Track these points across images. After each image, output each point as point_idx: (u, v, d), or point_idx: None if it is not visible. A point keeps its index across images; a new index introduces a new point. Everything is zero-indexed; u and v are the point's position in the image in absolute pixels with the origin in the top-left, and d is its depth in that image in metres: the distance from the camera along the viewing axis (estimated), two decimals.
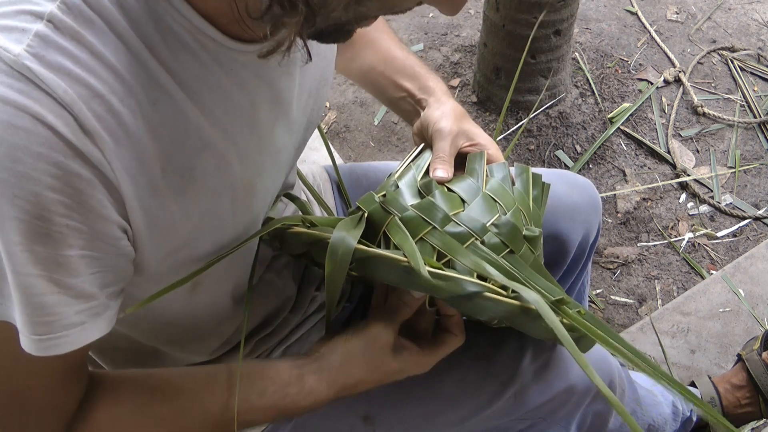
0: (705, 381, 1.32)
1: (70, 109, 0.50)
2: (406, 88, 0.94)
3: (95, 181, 0.53)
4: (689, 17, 2.38)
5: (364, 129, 2.05)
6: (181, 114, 0.58)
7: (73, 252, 0.54)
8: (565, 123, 1.99)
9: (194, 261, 0.67)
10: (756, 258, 1.65)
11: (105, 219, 0.55)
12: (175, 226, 0.62)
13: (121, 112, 0.53)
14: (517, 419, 0.91)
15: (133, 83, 0.54)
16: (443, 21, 2.36)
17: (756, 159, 1.97)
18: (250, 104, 0.63)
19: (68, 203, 0.52)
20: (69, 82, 0.50)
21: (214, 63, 0.59)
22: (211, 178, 0.62)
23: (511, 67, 1.93)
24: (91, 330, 0.59)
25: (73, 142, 0.50)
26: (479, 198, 0.74)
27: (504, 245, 0.71)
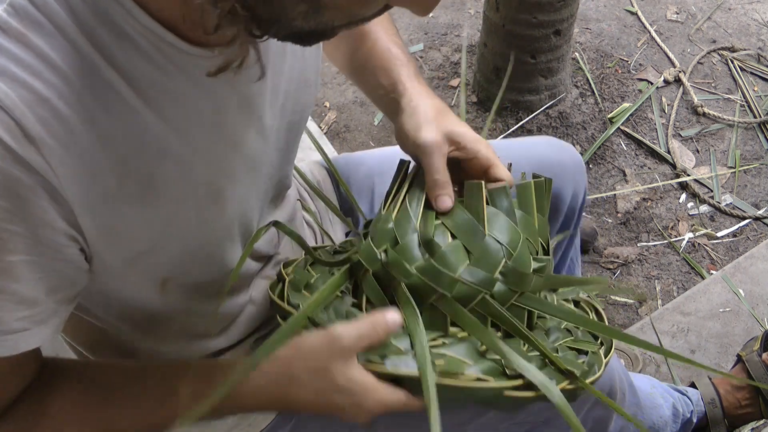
0: (705, 382, 1.32)
1: (11, 113, 0.49)
2: (383, 85, 0.86)
3: (38, 188, 0.52)
4: (689, 17, 2.37)
5: (364, 129, 2.05)
6: (137, 120, 0.56)
7: (15, 257, 0.53)
8: (565, 123, 1.99)
9: (162, 264, 0.66)
10: (756, 258, 1.65)
11: (49, 226, 0.54)
12: (135, 233, 0.61)
13: (69, 117, 0.52)
14: (517, 423, 0.91)
15: (82, 88, 0.52)
16: (443, 21, 2.36)
17: (756, 159, 1.97)
18: (213, 109, 0.62)
19: (9, 208, 0.51)
20: (12, 85, 0.49)
21: (175, 69, 0.57)
22: (172, 184, 0.61)
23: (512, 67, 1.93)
24: (33, 337, 0.58)
25: (13, 147, 0.49)
26: (484, 245, 0.70)
27: (513, 291, 0.70)
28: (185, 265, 0.69)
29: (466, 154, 0.77)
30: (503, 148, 1.03)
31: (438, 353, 0.66)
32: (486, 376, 0.64)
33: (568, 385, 0.66)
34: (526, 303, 0.71)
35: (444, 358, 0.66)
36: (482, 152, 0.77)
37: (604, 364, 0.70)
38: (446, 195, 0.73)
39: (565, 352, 0.72)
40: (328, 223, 1.01)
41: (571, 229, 1.14)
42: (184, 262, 0.69)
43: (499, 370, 0.65)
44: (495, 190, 0.74)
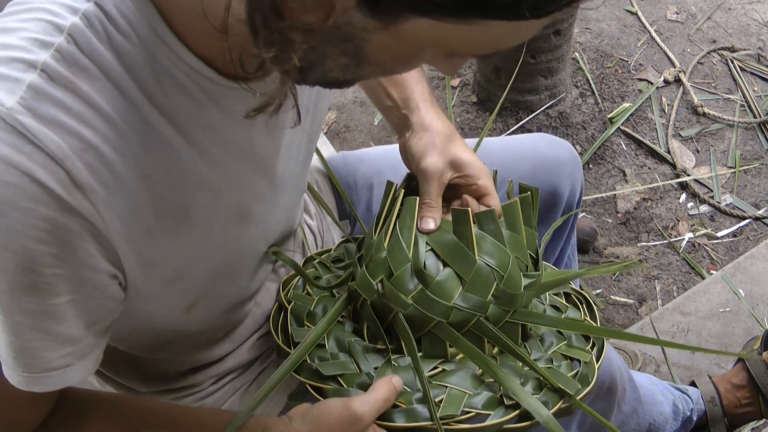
0: (705, 381, 1.32)
1: (62, 163, 0.49)
2: (393, 97, 0.88)
3: (84, 233, 0.53)
4: (689, 17, 2.37)
5: (364, 129, 2.05)
6: (175, 157, 0.57)
7: (60, 300, 0.54)
8: (565, 123, 1.99)
9: (190, 287, 0.68)
10: (756, 258, 1.65)
11: (92, 268, 0.55)
12: (168, 262, 0.62)
13: (115, 161, 0.53)
14: None
15: (127, 130, 0.53)
16: None
17: (756, 159, 1.97)
18: (246, 138, 0.63)
19: (56, 254, 0.52)
20: (62, 134, 0.49)
21: (211, 102, 0.58)
22: (204, 213, 0.62)
23: (511, 67, 1.93)
24: (77, 371, 0.60)
25: (63, 197, 0.50)
26: (475, 270, 0.73)
27: (506, 311, 0.74)
28: (212, 285, 0.71)
29: (467, 181, 0.81)
30: (500, 147, 1.03)
31: (440, 384, 0.71)
32: (485, 409, 0.68)
33: (562, 404, 0.70)
34: (520, 318, 0.75)
35: (446, 391, 0.70)
36: (481, 182, 0.81)
37: (596, 369, 0.75)
38: (431, 218, 0.76)
39: (559, 361, 0.76)
40: (328, 224, 1.01)
41: (568, 225, 1.14)
42: (211, 282, 0.70)
43: (497, 400, 0.70)
44: (482, 214, 0.76)
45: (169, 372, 0.84)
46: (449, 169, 0.80)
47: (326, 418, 0.67)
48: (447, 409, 0.68)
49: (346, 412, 0.66)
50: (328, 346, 0.76)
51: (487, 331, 0.73)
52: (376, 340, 0.76)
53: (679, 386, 1.30)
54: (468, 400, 0.69)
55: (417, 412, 0.69)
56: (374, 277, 0.75)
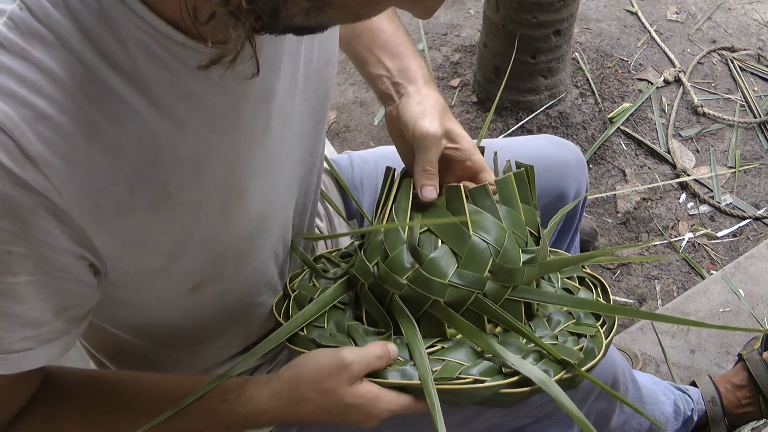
0: (706, 380, 1.32)
1: (11, 133, 0.47)
2: (386, 65, 0.85)
3: (40, 209, 0.50)
4: (689, 17, 2.38)
5: (364, 129, 2.05)
6: (148, 129, 0.54)
7: (18, 279, 0.52)
8: (565, 123, 1.99)
9: (191, 269, 0.65)
10: (756, 258, 1.65)
11: (52, 247, 0.52)
12: (154, 242, 0.60)
13: (73, 132, 0.50)
14: (519, 417, 0.91)
15: (87, 101, 0.50)
16: (443, 21, 2.36)
17: (756, 159, 1.97)
18: (231, 107, 0.60)
19: (11, 230, 0.49)
20: (11, 104, 0.47)
21: (185, 69, 0.54)
22: (189, 191, 0.59)
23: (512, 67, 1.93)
24: (37, 357, 0.57)
25: (12, 169, 0.48)
26: (470, 246, 0.71)
27: (505, 287, 0.71)
28: (216, 267, 0.68)
29: (462, 155, 0.79)
30: (505, 147, 1.03)
31: (438, 359, 0.69)
32: (483, 377, 0.66)
33: (565, 374, 0.67)
34: (521, 295, 0.72)
35: (443, 363, 0.68)
36: (475, 157, 0.79)
37: (604, 346, 0.71)
38: (432, 186, 0.75)
39: (565, 338, 0.72)
40: (336, 224, 1.01)
41: (573, 227, 1.14)
42: (214, 264, 0.68)
43: (496, 369, 0.67)
44: (475, 189, 0.75)
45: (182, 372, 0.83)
46: (445, 137, 0.78)
47: (313, 362, 0.66)
48: (442, 374, 0.66)
49: (335, 357, 0.65)
50: (327, 328, 0.74)
51: (486, 308, 0.70)
52: (377, 326, 0.75)
53: (679, 386, 1.30)
54: (465, 370, 0.67)
55: (410, 373, 0.67)
56: (371, 260, 0.73)
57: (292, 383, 0.67)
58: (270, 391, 0.67)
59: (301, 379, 0.67)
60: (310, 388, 0.66)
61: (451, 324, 0.71)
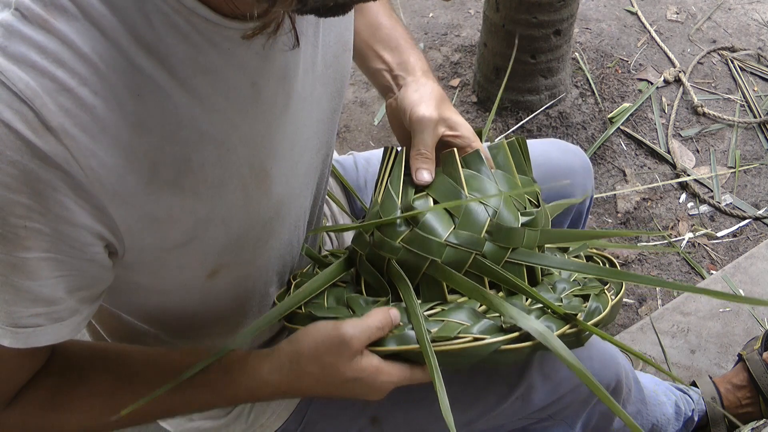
0: (706, 381, 1.32)
1: (31, 103, 0.46)
2: (386, 60, 0.87)
3: (58, 183, 0.49)
4: (689, 17, 2.37)
5: (364, 129, 2.05)
6: (170, 104, 0.54)
7: (32, 254, 0.51)
8: (565, 123, 1.99)
9: (207, 252, 0.64)
10: (756, 258, 1.65)
11: (69, 222, 0.51)
12: (177, 220, 0.59)
13: (95, 105, 0.49)
14: (523, 418, 0.91)
15: (110, 74, 0.50)
16: (443, 21, 2.36)
17: (756, 159, 1.97)
18: (251, 85, 0.59)
19: (28, 204, 0.49)
20: (32, 74, 0.47)
21: (208, 44, 0.54)
22: (212, 168, 0.59)
23: (512, 66, 1.93)
24: (47, 334, 0.57)
25: (31, 140, 0.47)
26: (466, 208, 0.71)
27: (504, 248, 0.71)
28: (235, 251, 0.67)
29: (462, 142, 0.79)
30: None
31: (437, 320, 0.67)
32: (482, 335, 0.64)
33: (569, 329, 0.65)
34: (522, 258, 0.72)
35: (442, 324, 0.66)
36: (476, 143, 0.80)
37: (610, 305, 0.69)
38: (426, 169, 0.75)
39: (570, 300, 0.71)
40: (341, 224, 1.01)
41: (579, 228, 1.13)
42: (233, 248, 0.67)
43: (497, 327, 0.65)
44: (469, 155, 0.76)
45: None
46: (443, 124, 0.79)
47: (312, 337, 0.66)
48: (440, 333, 0.65)
49: (335, 332, 0.64)
50: (327, 302, 0.74)
51: (486, 269, 0.70)
52: (378, 296, 0.74)
53: (680, 386, 1.30)
54: (465, 329, 0.65)
55: (408, 336, 0.66)
56: (368, 231, 0.73)
57: (292, 358, 0.66)
58: (271, 365, 0.67)
59: (302, 355, 0.66)
60: (311, 363, 0.65)
61: (451, 282, 0.70)
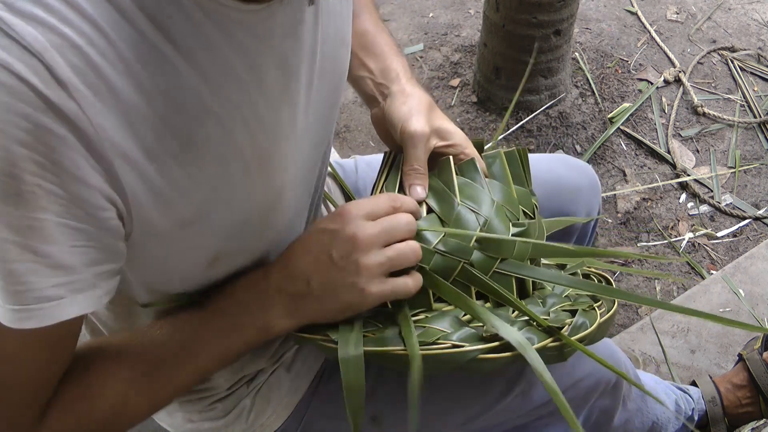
0: (706, 380, 1.32)
1: (41, 57, 0.46)
2: (369, 67, 0.86)
3: (70, 138, 0.49)
4: (689, 17, 2.37)
5: (364, 129, 2.05)
6: (175, 75, 0.53)
7: (48, 216, 0.50)
8: (565, 123, 1.99)
9: (211, 234, 0.64)
10: (756, 258, 1.65)
11: (82, 182, 0.51)
12: (183, 194, 0.58)
13: (102, 66, 0.49)
14: (523, 415, 0.91)
15: (116, 39, 0.49)
16: (443, 21, 2.36)
17: (756, 159, 1.97)
18: (250, 67, 0.59)
19: (40, 161, 0.48)
20: (41, 29, 0.46)
21: (209, 21, 0.54)
22: (215, 145, 0.58)
23: (511, 67, 1.93)
24: (71, 305, 0.55)
25: (43, 92, 0.46)
26: (457, 215, 0.71)
27: (493, 259, 0.71)
28: (236, 238, 0.67)
29: (455, 150, 0.79)
30: None
31: (420, 326, 0.67)
32: (462, 342, 0.64)
33: (551, 342, 0.65)
34: (512, 269, 0.71)
35: (423, 330, 0.66)
36: (468, 150, 0.79)
37: (597, 322, 0.68)
38: (420, 185, 0.75)
39: (557, 314, 0.71)
40: None
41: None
42: (235, 234, 0.66)
43: (477, 336, 0.65)
44: (464, 164, 0.76)
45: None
46: (434, 136, 0.78)
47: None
48: (421, 338, 0.65)
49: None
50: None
51: (473, 279, 0.69)
52: None
53: (680, 386, 1.30)
54: (445, 336, 0.65)
55: (388, 339, 0.66)
56: None
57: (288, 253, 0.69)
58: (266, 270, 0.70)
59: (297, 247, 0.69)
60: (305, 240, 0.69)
61: (436, 290, 0.70)
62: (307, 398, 0.86)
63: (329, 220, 0.68)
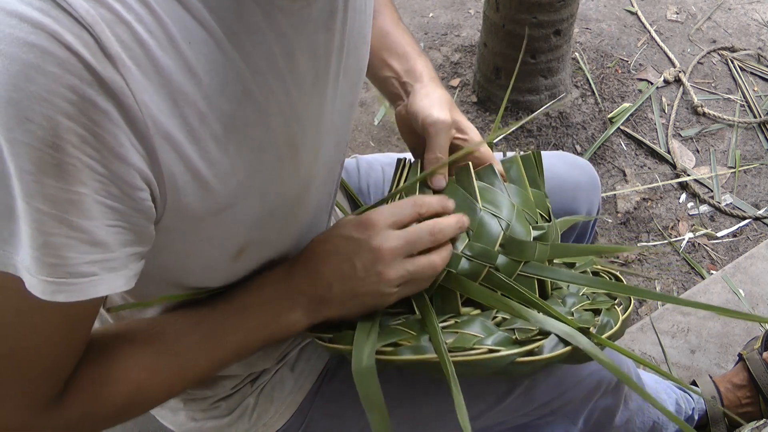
0: (706, 380, 1.33)
1: (91, 29, 0.46)
2: (393, 68, 0.89)
3: (114, 114, 0.49)
4: (689, 17, 2.38)
5: (364, 129, 2.05)
6: (220, 55, 0.54)
7: (86, 191, 0.50)
8: (565, 123, 1.99)
9: (241, 223, 0.64)
10: (756, 258, 1.66)
11: (122, 160, 0.51)
12: (221, 179, 0.58)
13: (149, 43, 0.49)
14: (526, 414, 0.91)
15: (163, 16, 0.50)
16: (443, 21, 2.36)
17: (756, 159, 1.97)
18: (287, 54, 0.59)
19: (83, 134, 0.48)
20: (92, 3, 0.46)
21: (254, 3, 0.55)
22: (253, 129, 0.59)
23: (512, 67, 1.93)
24: (104, 284, 0.54)
25: (91, 63, 0.47)
26: (480, 220, 0.73)
27: (516, 262, 0.72)
28: (264, 228, 0.67)
29: (469, 144, 0.82)
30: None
31: (451, 331, 0.68)
32: (497, 347, 0.65)
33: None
34: (533, 272, 0.73)
35: (456, 335, 0.67)
36: (483, 148, 0.82)
37: (621, 320, 0.70)
38: (442, 175, 0.77)
39: (581, 314, 0.72)
40: None
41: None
42: (263, 224, 0.66)
43: (510, 340, 0.66)
44: (482, 169, 0.78)
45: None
46: (454, 127, 0.81)
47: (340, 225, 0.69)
48: (455, 344, 0.65)
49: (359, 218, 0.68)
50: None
51: (498, 283, 0.71)
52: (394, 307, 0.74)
53: (680, 386, 1.30)
54: (479, 341, 0.66)
55: (423, 348, 0.66)
56: None
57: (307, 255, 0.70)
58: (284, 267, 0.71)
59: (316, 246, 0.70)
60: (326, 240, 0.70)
61: (468, 292, 0.71)
62: (311, 397, 0.86)
63: (354, 227, 0.69)
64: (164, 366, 0.67)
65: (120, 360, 0.65)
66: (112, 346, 0.66)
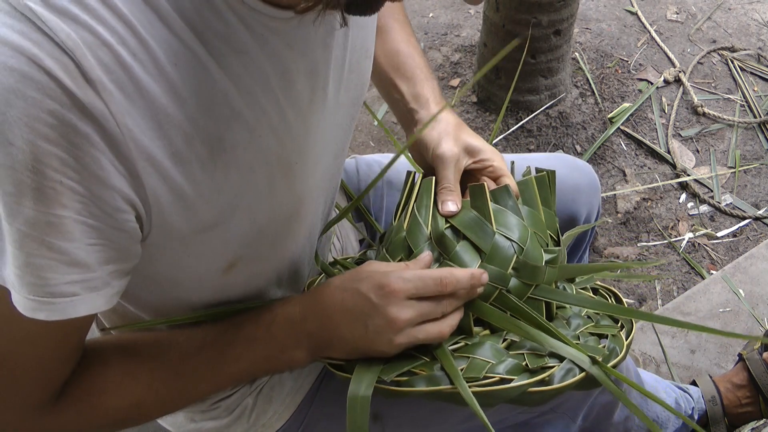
0: (706, 380, 1.32)
1: (72, 54, 0.46)
2: (401, 90, 0.90)
3: (95, 138, 0.49)
4: (689, 17, 2.38)
5: (364, 129, 2.05)
6: (206, 78, 0.54)
7: (67, 213, 0.50)
8: (565, 123, 1.99)
9: (229, 241, 0.64)
10: (756, 258, 1.65)
11: (103, 182, 0.51)
12: (206, 200, 0.58)
13: (133, 66, 0.49)
14: (525, 411, 0.91)
15: (149, 39, 0.50)
16: (443, 21, 2.36)
17: (756, 159, 1.97)
18: (281, 73, 0.59)
19: (63, 158, 0.48)
20: (73, 26, 0.46)
21: (242, 25, 0.54)
22: (242, 150, 0.58)
23: (511, 67, 1.93)
24: (84, 303, 0.55)
25: (71, 89, 0.47)
26: (494, 243, 0.73)
27: (527, 285, 0.73)
28: (254, 245, 0.67)
29: (482, 165, 0.83)
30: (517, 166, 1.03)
31: (462, 355, 0.69)
32: (508, 375, 0.66)
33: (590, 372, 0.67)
34: (542, 294, 0.74)
35: (468, 360, 0.68)
36: (496, 163, 0.83)
37: (626, 346, 0.72)
38: (452, 201, 0.78)
39: (586, 338, 0.73)
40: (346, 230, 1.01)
41: (582, 247, 1.13)
42: (253, 241, 0.67)
43: (521, 367, 0.67)
44: (497, 190, 0.78)
45: None
46: (464, 155, 0.82)
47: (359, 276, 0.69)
48: (468, 373, 0.66)
49: (375, 278, 0.67)
50: None
51: (510, 305, 0.71)
52: None
53: (680, 385, 1.30)
54: (491, 368, 0.67)
55: (438, 378, 0.66)
56: (394, 257, 0.75)
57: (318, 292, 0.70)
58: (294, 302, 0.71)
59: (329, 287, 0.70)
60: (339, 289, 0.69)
61: (481, 315, 0.72)
62: (309, 399, 0.86)
63: (374, 289, 0.67)
64: (165, 385, 0.67)
65: (119, 374, 0.65)
66: (113, 359, 0.66)
